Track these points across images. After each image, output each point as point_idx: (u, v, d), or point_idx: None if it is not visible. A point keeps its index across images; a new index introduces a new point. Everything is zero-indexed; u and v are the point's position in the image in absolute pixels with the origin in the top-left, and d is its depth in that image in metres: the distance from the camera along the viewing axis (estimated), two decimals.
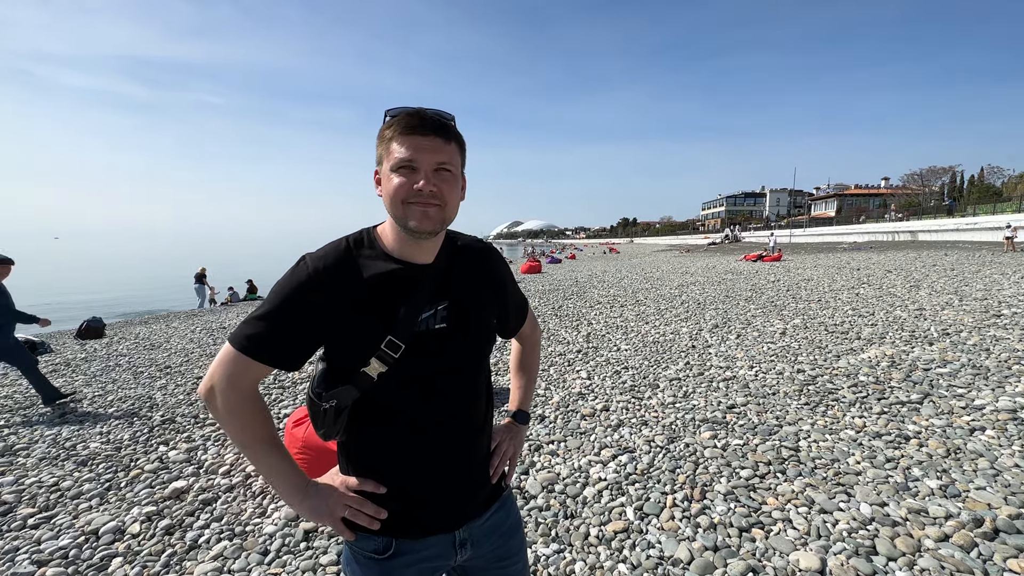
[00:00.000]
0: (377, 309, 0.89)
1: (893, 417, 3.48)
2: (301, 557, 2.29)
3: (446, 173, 0.88)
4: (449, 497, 0.99)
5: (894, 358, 4.82)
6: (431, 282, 0.94)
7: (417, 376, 0.92)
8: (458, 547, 1.01)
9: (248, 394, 0.90)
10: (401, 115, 0.87)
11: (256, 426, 0.91)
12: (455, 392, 0.97)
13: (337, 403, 0.91)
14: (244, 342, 0.87)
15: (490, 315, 1.05)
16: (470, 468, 1.02)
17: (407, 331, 0.89)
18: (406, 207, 0.87)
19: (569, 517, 2.54)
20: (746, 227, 59.71)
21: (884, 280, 10.66)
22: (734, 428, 3.49)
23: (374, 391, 0.90)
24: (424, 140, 0.85)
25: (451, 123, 0.90)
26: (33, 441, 3.71)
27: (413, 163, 0.85)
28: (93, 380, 5.49)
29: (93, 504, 2.80)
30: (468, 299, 0.98)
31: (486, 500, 1.06)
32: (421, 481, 0.97)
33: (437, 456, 0.97)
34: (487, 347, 1.03)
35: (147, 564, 2.27)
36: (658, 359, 5.45)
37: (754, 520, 2.40)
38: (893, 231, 29.97)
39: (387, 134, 0.87)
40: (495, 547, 1.06)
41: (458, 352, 0.96)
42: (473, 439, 1.02)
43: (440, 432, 0.96)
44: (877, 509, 2.40)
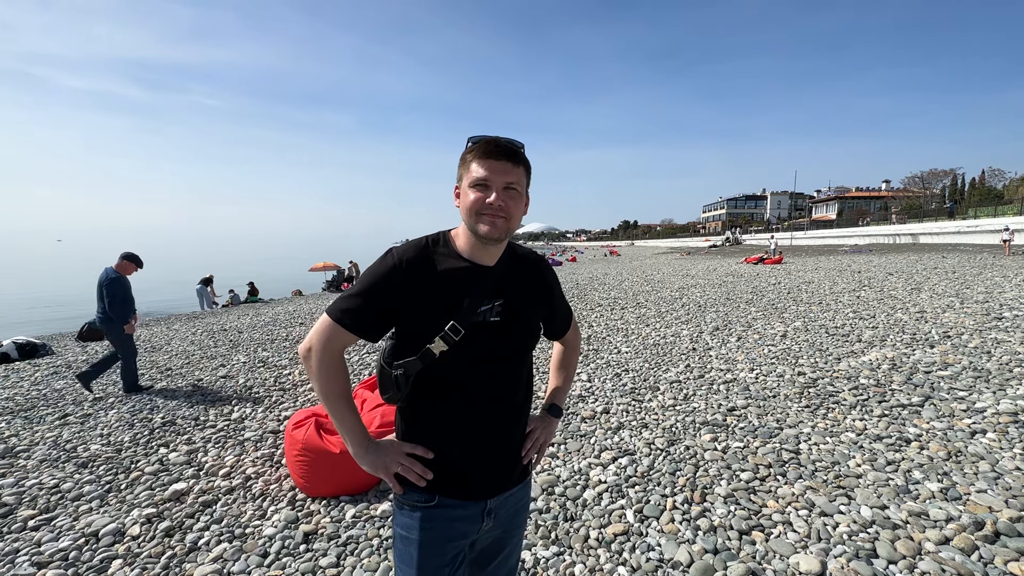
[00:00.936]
0: (446, 298, 1.06)
1: (894, 420, 3.48)
2: (301, 559, 2.29)
3: (513, 191, 1.05)
4: (486, 468, 1.13)
5: (895, 361, 4.82)
6: (491, 282, 1.10)
7: (472, 358, 1.07)
8: (485, 515, 1.14)
9: (336, 357, 1.09)
10: (481, 142, 1.04)
11: (339, 384, 1.10)
12: (501, 376, 1.12)
13: (404, 371, 1.07)
14: (339, 315, 1.06)
15: (537, 316, 1.22)
16: (508, 445, 1.16)
17: (468, 319, 1.05)
18: (479, 217, 1.04)
19: (569, 519, 2.53)
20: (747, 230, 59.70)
21: (885, 283, 10.66)
22: (734, 431, 3.48)
23: (435, 366, 1.06)
24: (497, 163, 1.03)
25: (521, 150, 1.07)
26: (34, 443, 3.71)
27: (487, 181, 1.02)
28: (95, 382, 5.49)
29: (93, 506, 2.80)
30: (520, 300, 1.14)
31: (516, 478, 1.19)
32: (465, 450, 1.11)
33: (481, 429, 1.11)
34: (531, 342, 1.19)
35: (147, 566, 2.27)
36: (658, 361, 5.44)
37: (754, 523, 2.40)
38: (894, 234, 29.96)
39: (468, 157, 1.05)
40: (505, 520, 1.19)
41: (507, 343, 1.12)
42: (513, 420, 1.16)
43: (486, 409, 1.11)
44: (878, 512, 2.40)
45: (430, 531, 1.09)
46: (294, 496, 2.85)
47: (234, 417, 4.19)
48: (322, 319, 1.09)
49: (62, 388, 5.29)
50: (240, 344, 7.64)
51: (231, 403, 4.58)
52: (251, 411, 4.33)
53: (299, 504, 2.77)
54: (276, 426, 3.94)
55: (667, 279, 15.21)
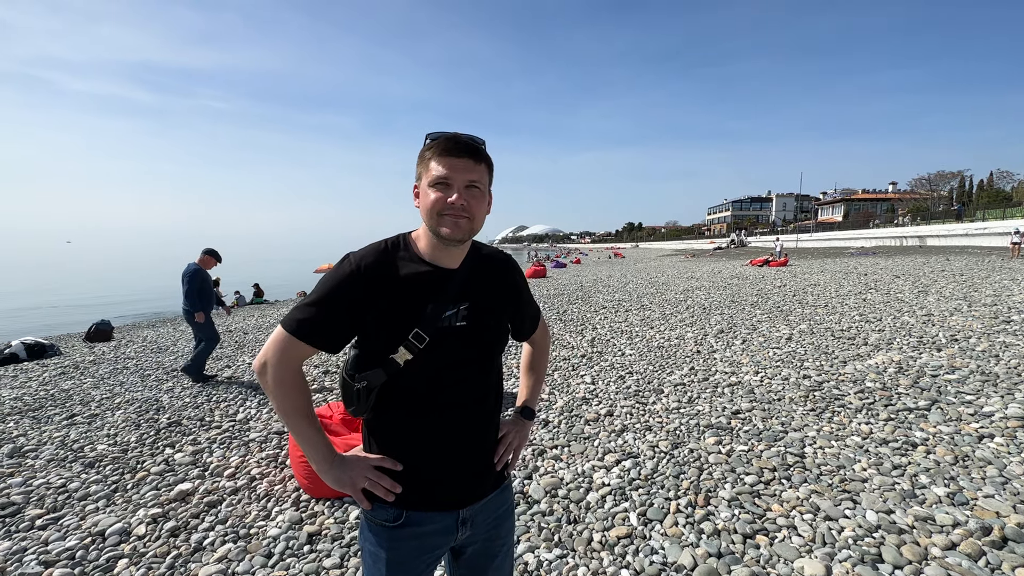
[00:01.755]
0: (408, 304, 1.01)
1: (900, 424, 3.46)
2: (304, 560, 2.30)
3: (475, 190, 1.01)
4: (457, 478, 1.09)
5: (901, 364, 4.78)
6: (456, 285, 1.05)
7: (438, 366, 1.03)
8: (459, 525, 1.10)
9: (294, 370, 1.03)
10: (440, 139, 1.00)
11: (298, 399, 1.05)
12: (469, 382, 1.08)
13: (368, 383, 1.03)
14: (294, 325, 1.01)
15: (505, 318, 1.17)
16: (478, 453, 1.13)
17: (432, 326, 1.01)
18: (440, 218, 0.99)
19: (572, 522, 2.53)
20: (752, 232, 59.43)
21: (892, 285, 10.58)
22: (739, 434, 3.47)
23: (400, 376, 1.02)
24: (458, 161, 0.98)
25: (482, 147, 1.03)
26: (41, 443, 3.75)
27: (448, 180, 0.98)
28: (101, 383, 5.54)
29: (100, 505, 2.82)
30: (486, 302, 1.09)
31: (490, 485, 1.16)
32: (434, 460, 1.07)
33: (451, 438, 1.07)
34: (500, 346, 1.14)
35: (152, 565, 2.28)
36: (663, 364, 5.43)
37: (758, 527, 2.39)
38: (901, 236, 29.77)
39: (427, 155, 1.00)
40: (488, 528, 1.16)
41: (474, 348, 1.07)
42: (483, 426, 1.12)
43: (454, 417, 1.07)
44: (883, 516, 2.38)
45: (399, 551, 1.06)
46: (298, 497, 2.86)
47: (239, 418, 4.22)
48: (276, 331, 1.03)
49: (69, 388, 5.34)
50: (246, 345, 7.68)
51: (236, 404, 4.61)
52: (256, 412, 4.35)
53: (303, 505, 2.78)
54: (280, 427, 3.95)
55: (672, 281, 15.17)
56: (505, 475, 1.21)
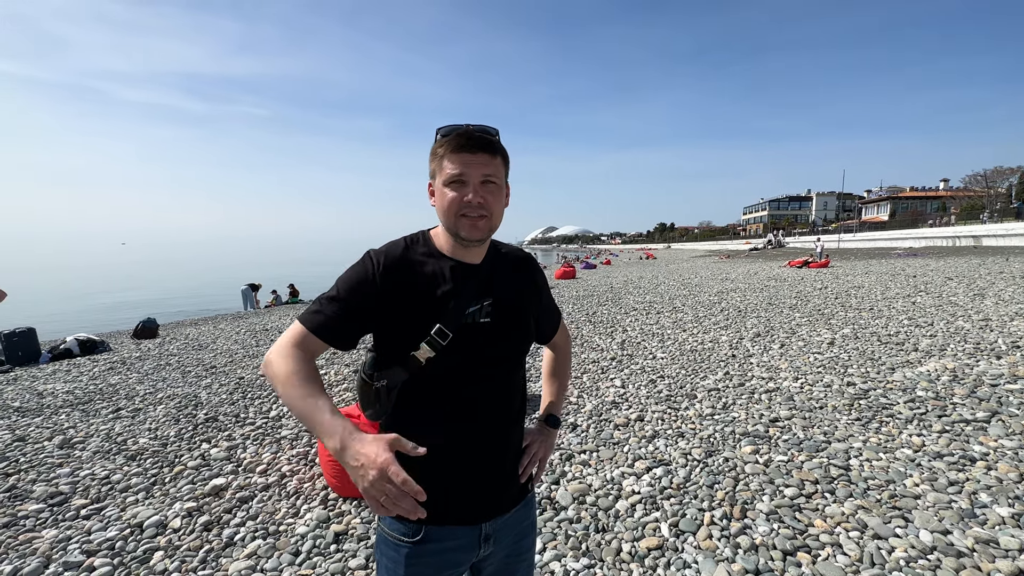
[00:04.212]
0: (430, 299, 0.99)
1: (956, 436, 3.22)
2: (331, 559, 2.31)
3: (492, 185, 0.97)
4: (481, 488, 1.04)
5: (956, 372, 4.48)
6: (479, 280, 1.02)
7: (461, 364, 0.99)
8: (482, 541, 1.05)
9: (307, 362, 0.97)
10: (452, 135, 0.95)
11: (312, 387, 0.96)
12: (493, 383, 1.04)
13: (388, 383, 0.99)
14: (310, 320, 0.98)
15: (529, 316, 1.12)
16: (503, 460, 1.08)
17: (455, 321, 0.97)
18: (458, 219, 0.97)
19: (601, 531, 2.46)
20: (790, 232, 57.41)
21: (944, 288, 9.98)
22: (777, 443, 3.31)
23: (421, 374, 0.98)
24: (472, 156, 0.95)
25: (496, 139, 0.99)
26: (89, 435, 3.92)
27: (463, 178, 0.95)
28: (145, 378, 5.78)
29: (139, 498, 2.92)
30: (510, 299, 1.06)
31: (514, 497, 1.11)
32: (456, 468, 1.02)
33: (474, 444, 1.03)
34: (525, 345, 1.10)
35: (185, 559, 2.34)
36: (696, 368, 5.26)
37: (800, 543, 2.25)
38: (953, 235, 28.12)
39: (439, 151, 0.96)
40: (510, 543, 1.11)
41: (499, 346, 1.03)
42: (508, 430, 1.08)
43: (478, 419, 1.02)
44: (939, 537, 2.21)
45: (418, 568, 1.00)
46: (326, 495, 2.88)
47: (272, 415, 4.31)
48: (292, 326, 0.99)
49: (116, 383, 5.59)
50: None
51: (270, 401, 4.71)
52: (288, 409, 4.44)
53: (331, 503, 2.80)
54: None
55: (705, 283, 14.77)
56: (529, 488, 1.16)
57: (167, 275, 36.56)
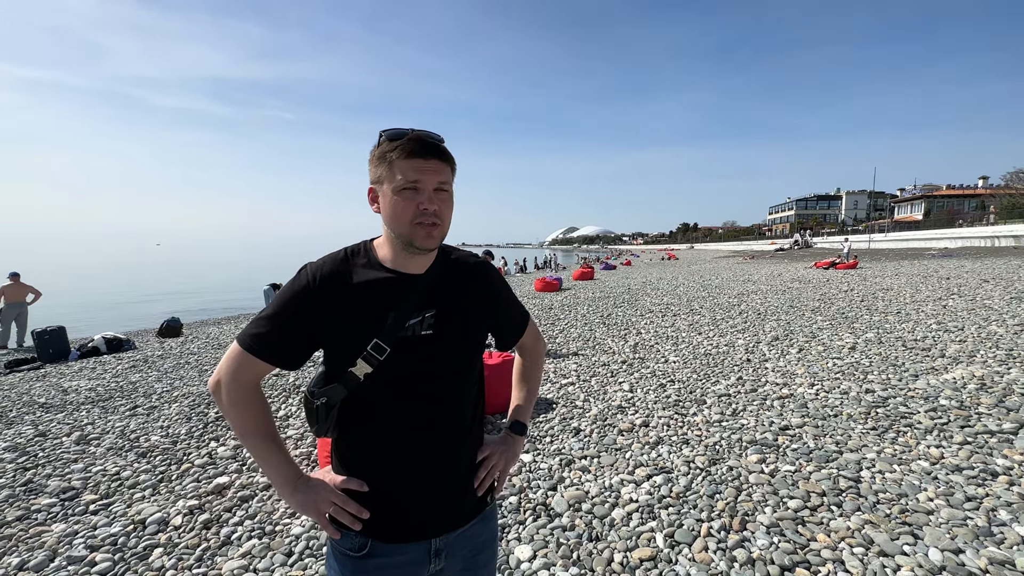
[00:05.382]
0: (366, 314, 0.95)
1: (978, 449, 3.06)
2: (321, 561, 2.32)
3: (444, 193, 0.95)
4: (428, 503, 1.01)
5: (984, 380, 4.26)
6: (420, 291, 0.99)
7: (401, 379, 0.96)
8: (432, 556, 1.02)
9: (250, 388, 0.99)
10: (404, 140, 0.92)
11: (256, 418, 1.00)
12: (438, 397, 1.00)
13: (327, 400, 0.97)
14: (249, 341, 0.96)
15: (480, 324, 1.09)
16: (451, 475, 1.04)
17: (393, 335, 0.94)
18: (412, 227, 0.93)
19: (594, 540, 2.41)
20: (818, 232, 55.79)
21: (978, 291, 9.54)
22: (786, 452, 3.19)
23: (360, 391, 0.96)
24: (427, 163, 0.92)
25: (445, 145, 0.97)
26: (105, 432, 4.05)
27: (418, 184, 0.91)
28: (164, 376, 5.96)
29: (146, 494, 2.99)
30: (455, 309, 1.02)
31: (468, 512, 1.07)
32: (401, 483, 1.00)
33: (418, 459, 1.00)
34: (473, 356, 1.06)
35: (183, 556, 2.38)
36: (708, 373, 5.14)
37: (800, 558, 2.16)
38: (992, 236, 26.89)
39: (390, 156, 0.92)
40: (465, 557, 1.08)
41: (443, 358, 1.00)
42: (455, 446, 1.04)
43: (421, 435, 0.99)
44: (950, 556, 2.09)
45: None
46: None
47: (280, 414, 4.38)
48: (231, 347, 0.98)
49: (137, 381, 5.77)
50: None
51: (280, 400, 4.79)
52: (297, 409, 4.51)
53: None
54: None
55: (726, 284, 14.46)
56: (488, 500, 1.13)
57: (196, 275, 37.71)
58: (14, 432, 4.10)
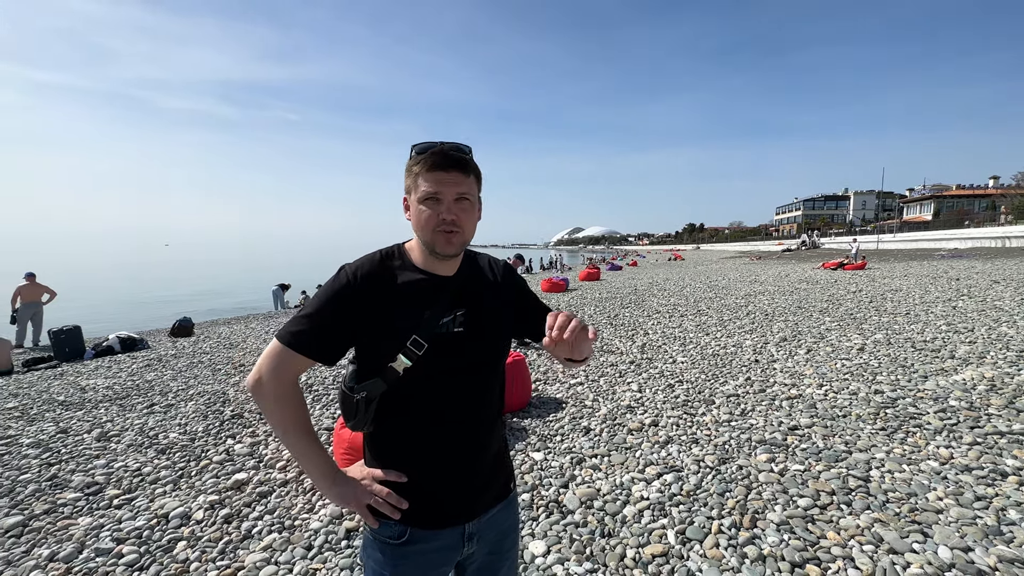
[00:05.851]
0: (405, 312, 1.02)
1: (988, 449, 3.07)
2: (341, 555, 2.39)
3: (465, 202, 1.01)
4: (461, 490, 1.08)
5: (994, 381, 4.26)
6: (451, 292, 1.06)
7: (437, 373, 1.02)
8: (465, 540, 1.09)
9: (290, 385, 1.03)
10: (427, 154, 0.99)
11: (296, 414, 1.04)
12: (470, 390, 1.07)
13: (367, 394, 1.02)
14: (289, 338, 1.00)
15: (504, 324, 1.15)
16: (482, 463, 1.11)
17: (430, 332, 1.01)
18: (434, 234, 1.00)
19: (606, 536, 2.45)
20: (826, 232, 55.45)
21: (989, 292, 9.49)
22: (795, 452, 3.22)
23: (399, 385, 1.02)
24: (446, 175, 0.98)
25: (469, 157, 1.02)
26: (124, 429, 4.14)
27: (438, 195, 0.99)
28: (178, 375, 6.06)
29: (167, 490, 3.07)
30: (483, 308, 1.09)
31: (494, 497, 1.14)
32: (437, 473, 1.06)
33: (451, 449, 1.07)
34: (500, 352, 1.13)
35: (206, 549, 2.45)
36: (716, 373, 5.16)
37: (810, 555, 2.20)
38: (1003, 236, 26.64)
39: (415, 169, 1.00)
40: (492, 541, 1.15)
41: (473, 353, 1.06)
42: (485, 435, 1.11)
43: (455, 426, 1.06)
44: (959, 554, 2.12)
45: (404, 568, 1.05)
46: None
47: None
48: (271, 345, 1.02)
49: (152, 379, 5.87)
50: None
51: None
52: (310, 407, 4.58)
53: None
54: (331, 423, 4.13)
55: (733, 285, 14.43)
56: (511, 488, 1.19)
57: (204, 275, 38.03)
58: (36, 429, 4.20)
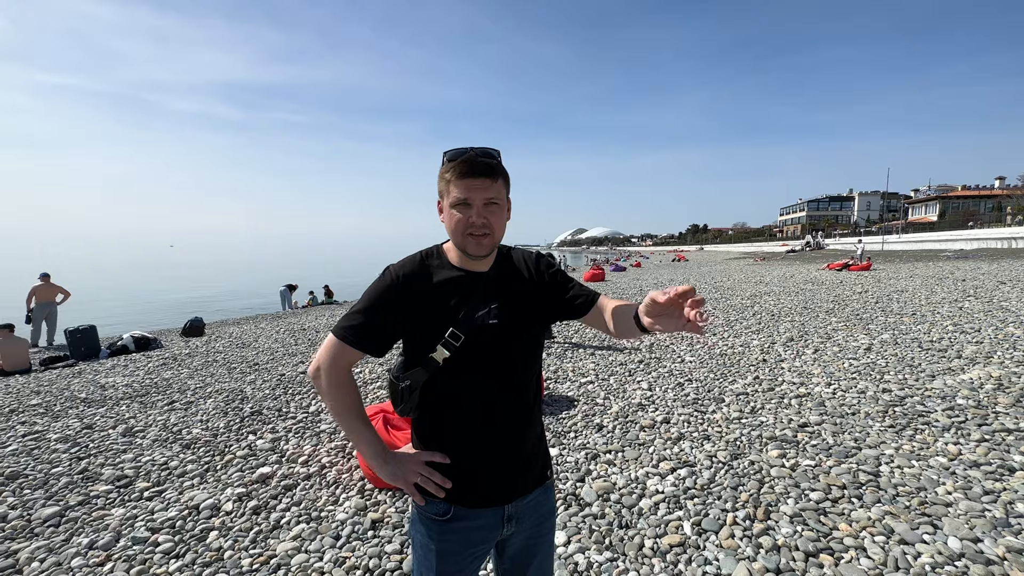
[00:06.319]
0: (443, 307, 1.11)
1: (996, 446, 3.14)
2: (368, 544, 2.47)
3: (494, 206, 1.08)
4: (500, 473, 1.17)
5: (1001, 380, 4.32)
6: (486, 287, 1.14)
7: (474, 362, 1.11)
8: (505, 521, 1.18)
9: (345, 374, 1.14)
10: (457, 161, 1.06)
11: (350, 399, 1.14)
12: (506, 378, 1.15)
13: (411, 383, 1.13)
14: (343, 333, 1.11)
15: (536, 313, 1.21)
16: (520, 448, 1.19)
17: (466, 325, 1.10)
18: (465, 237, 1.08)
19: (624, 527, 2.53)
20: (830, 233, 55.31)
21: (995, 292, 9.51)
22: (805, 448, 3.30)
23: (440, 374, 1.11)
24: (475, 181, 1.06)
25: (496, 162, 1.09)
26: (148, 425, 4.25)
27: (468, 200, 1.06)
28: (195, 374, 6.17)
29: (195, 482, 3.17)
30: (516, 300, 1.17)
31: (533, 482, 1.22)
32: (478, 455, 1.15)
33: (491, 434, 1.15)
34: (533, 341, 1.21)
35: (238, 538, 2.55)
36: (725, 372, 5.23)
37: (823, 545, 2.28)
38: (1010, 237, 26.55)
39: (447, 176, 1.07)
40: (531, 525, 1.22)
41: (508, 343, 1.15)
42: (523, 421, 1.19)
43: (492, 413, 1.14)
44: (968, 544, 2.19)
45: (447, 543, 1.14)
46: (363, 486, 3.06)
47: (311, 410, 4.55)
48: (328, 339, 1.13)
49: (169, 378, 5.99)
50: (318, 343, 8.21)
51: (310, 397, 4.97)
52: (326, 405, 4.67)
53: (367, 493, 2.98)
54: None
55: (738, 286, 14.48)
56: (547, 475, 1.27)
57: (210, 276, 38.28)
58: (62, 425, 4.31)
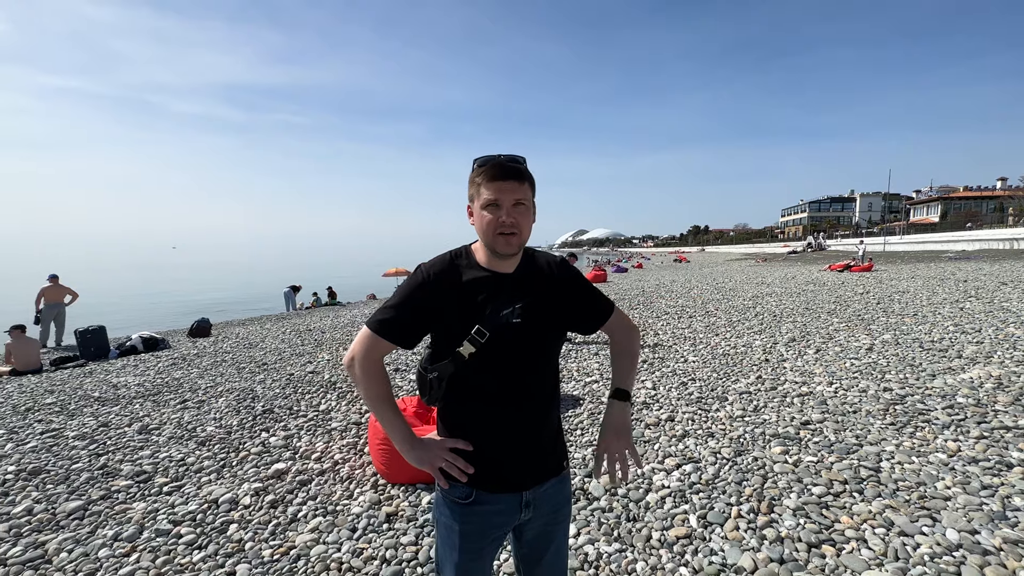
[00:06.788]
0: (470, 305, 1.18)
1: (995, 443, 3.21)
2: (384, 536, 2.55)
3: (521, 207, 1.15)
4: (519, 461, 1.24)
5: (1001, 379, 4.39)
6: (511, 287, 1.21)
7: (498, 358, 1.18)
8: (523, 507, 1.25)
9: (377, 363, 1.22)
10: (488, 166, 1.14)
11: (382, 387, 1.23)
12: (527, 373, 1.23)
13: (438, 375, 1.20)
14: (376, 326, 1.19)
15: (559, 314, 1.28)
16: (539, 438, 1.26)
17: (492, 323, 1.17)
18: (495, 236, 1.15)
19: (632, 520, 2.61)
20: (832, 234, 55.33)
21: (996, 293, 9.57)
22: (808, 445, 3.37)
23: (465, 368, 1.18)
24: (505, 184, 1.13)
25: (523, 167, 1.17)
26: (162, 423, 4.33)
27: (497, 202, 1.13)
28: (205, 373, 6.26)
29: (212, 478, 3.25)
30: (539, 301, 1.23)
31: (550, 471, 1.29)
32: (498, 444, 1.22)
33: (512, 425, 1.22)
34: (554, 341, 1.28)
35: (257, 531, 2.63)
36: (728, 372, 5.31)
37: (825, 537, 2.35)
38: (1012, 238, 26.56)
39: (477, 180, 1.16)
40: (548, 512, 1.29)
41: (531, 341, 1.22)
42: (542, 414, 1.26)
43: (513, 405, 1.21)
44: (966, 536, 2.27)
45: (470, 524, 1.22)
46: (376, 481, 3.14)
47: (322, 408, 4.63)
48: (362, 331, 1.21)
49: (180, 377, 6.08)
50: (323, 343, 8.31)
51: (319, 396, 5.05)
52: (336, 404, 4.76)
53: (380, 488, 3.06)
54: (358, 418, 4.31)
55: (740, 287, 14.54)
56: (564, 465, 1.33)
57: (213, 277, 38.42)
58: (78, 423, 4.40)
